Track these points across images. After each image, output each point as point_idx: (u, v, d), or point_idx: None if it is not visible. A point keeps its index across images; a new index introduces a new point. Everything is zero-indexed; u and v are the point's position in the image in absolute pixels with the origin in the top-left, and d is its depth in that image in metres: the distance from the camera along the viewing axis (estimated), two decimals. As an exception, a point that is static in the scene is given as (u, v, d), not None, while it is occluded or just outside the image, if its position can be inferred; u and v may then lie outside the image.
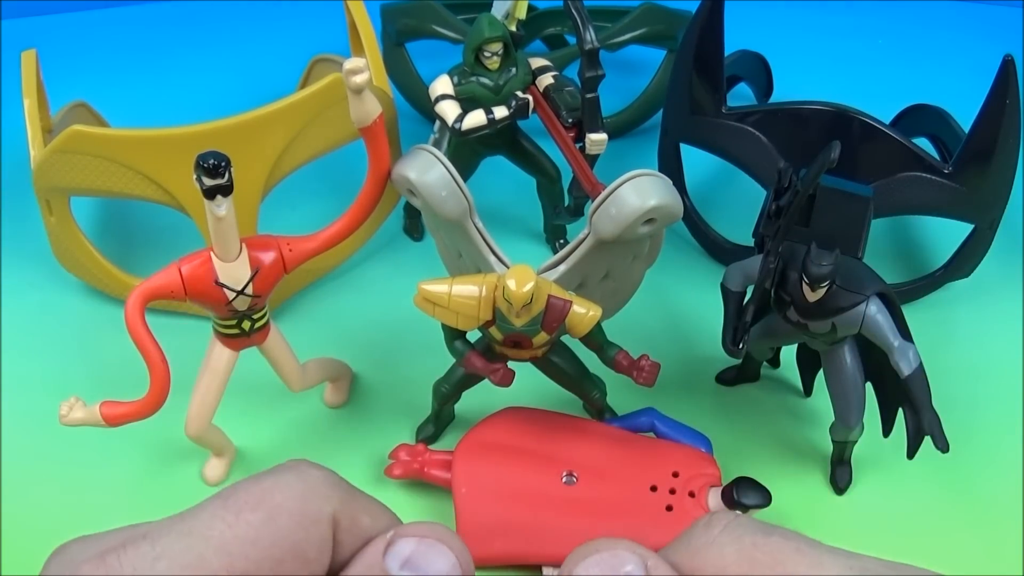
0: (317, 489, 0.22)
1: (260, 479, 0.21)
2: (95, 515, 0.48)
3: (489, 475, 0.47)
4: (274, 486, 0.21)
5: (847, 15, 0.92)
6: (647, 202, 0.44)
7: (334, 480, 0.22)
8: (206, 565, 0.20)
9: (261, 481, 0.21)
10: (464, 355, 0.46)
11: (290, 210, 0.64)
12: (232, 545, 0.20)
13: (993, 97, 0.53)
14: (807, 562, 0.20)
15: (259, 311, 0.46)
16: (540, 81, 0.58)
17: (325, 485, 0.22)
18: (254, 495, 0.21)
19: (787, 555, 0.20)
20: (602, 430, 0.49)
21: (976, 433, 0.52)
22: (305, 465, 0.22)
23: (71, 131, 0.51)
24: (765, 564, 0.20)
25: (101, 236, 0.65)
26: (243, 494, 0.21)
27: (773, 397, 0.55)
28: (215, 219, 0.41)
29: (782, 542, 0.20)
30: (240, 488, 0.21)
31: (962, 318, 0.60)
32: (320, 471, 0.22)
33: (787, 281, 0.44)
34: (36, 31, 0.89)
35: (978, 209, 0.57)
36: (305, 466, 0.22)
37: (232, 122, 0.51)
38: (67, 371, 0.56)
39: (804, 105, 0.57)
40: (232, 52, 0.86)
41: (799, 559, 0.20)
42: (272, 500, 0.21)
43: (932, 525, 0.48)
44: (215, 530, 0.20)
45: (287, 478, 0.21)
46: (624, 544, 0.21)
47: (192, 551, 0.20)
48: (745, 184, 0.60)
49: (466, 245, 0.48)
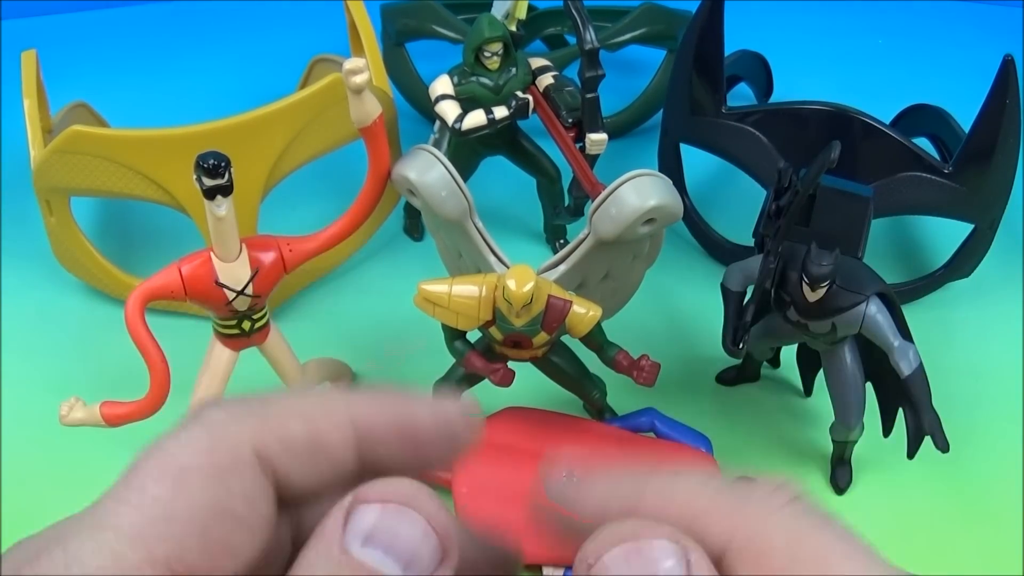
0: (224, 431, 0.18)
1: (160, 443, 0.19)
2: (95, 515, 0.48)
3: (489, 475, 0.47)
4: (176, 446, 0.18)
5: (847, 15, 0.92)
6: (647, 202, 0.44)
7: (242, 411, 0.19)
8: (123, 561, 0.17)
9: (162, 445, 0.19)
10: (464, 355, 0.46)
11: (290, 210, 0.64)
12: (145, 530, 0.17)
13: (993, 97, 0.53)
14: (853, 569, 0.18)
15: (259, 311, 0.46)
16: (540, 81, 0.58)
17: (233, 422, 0.19)
18: (155, 463, 0.18)
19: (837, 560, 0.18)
20: (602, 430, 0.49)
21: (976, 433, 0.52)
22: (208, 408, 0.19)
23: (71, 131, 0.51)
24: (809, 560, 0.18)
25: (101, 236, 0.65)
26: (143, 466, 0.18)
27: (773, 397, 0.55)
28: (215, 219, 0.41)
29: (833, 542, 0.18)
30: (140, 459, 0.18)
31: (962, 318, 0.60)
32: (222, 410, 0.19)
33: (787, 281, 0.44)
34: (36, 31, 0.89)
35: (978, 209, 0.57)
36: (208, 409, 0.19)
37: (232, 122, 0.51)
38: (67, 371, 0.56)
39: (804, 105, 0.57)
40: (232, 52, 0.86)
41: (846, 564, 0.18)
42: (176, 463, 0.18)
43: (932, 525, 0.48)
44: (123, 517, 0.18)
45: (189, 432, 0.19)
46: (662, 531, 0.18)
47: (104, 549, 0.17)
48: (745, 184, 0.60)
49: (466, 245, 0.48)
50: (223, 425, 0.19)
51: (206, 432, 0.18)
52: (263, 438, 0.19)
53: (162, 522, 0.17)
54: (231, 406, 0.19)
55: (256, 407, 0.19)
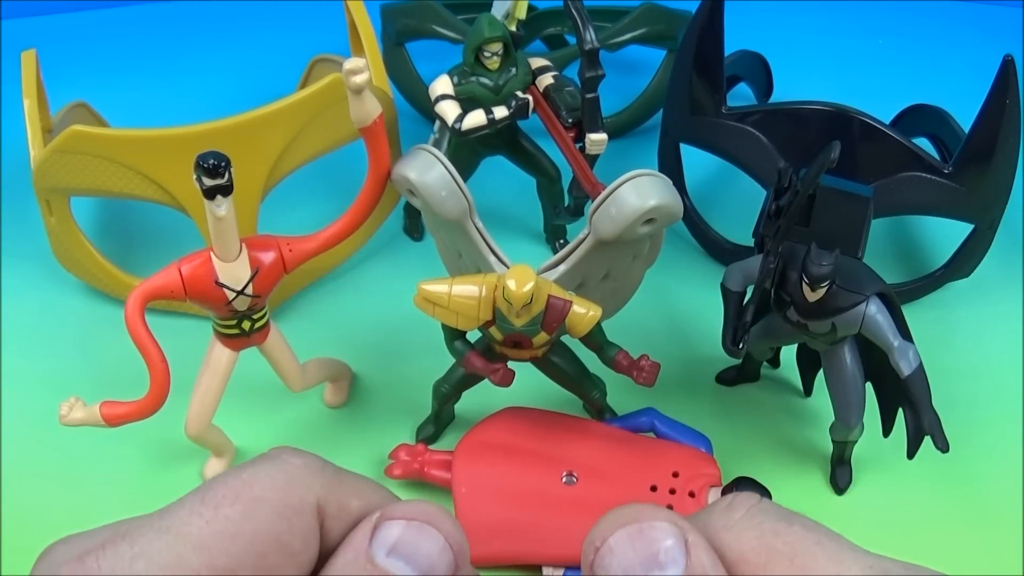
0: (299, 477, 0.21)
1: (239, 471, 0.21)
2: (95, 515, 0.48)
3: (489, 475, 0.47)
4: (253, 478, 0.20)
5: (847, 15, 0.92)
6: (647, 202, 0.44)
7: (317, 466, 0.22)
8: (185, 564, 0.19)
9: (240, 473, 0.21)
10: (464, 355, 0.46)
11: (290, 210, 0.64)
12: (211, 541, 0.19)
13: (993, 97, 0.53)
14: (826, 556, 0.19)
15: (259, 311, 0.46)
16: (540, 81, 0.58)
17: (307, 472, 0.21)
18: (232, 488, 0.20)
19: (807, 547, 0.19)
20: (602, 430, 0.49)
21: (976, 433, 0.52)
22: (287, 453, 0.22)
23: (71, 131, 0.51)
24: (783, 554, 0.19)
25: (101, 236, 0.65)
26: (221, 488, 0.20)
27: (773, 397, 0.55)
28: (215, 219, 0.41)
29: (803, 533, 0.20)
30: (218, 481, 0.20)
31: (962, 318, 0.60)
32: (302, 458, 0.21)
33: (787, 281, 0.44)
34: (36, 31, 0.89)
35: (978, 209, 0.57)
36: (287, 454, 0.21)
37: (232, 122, 0.51)
38: (67, 371, 0.56)
39: (804, 105, 0.57)
40: (232, 52, 0.86)
41: (819, 552, 0.19)
42: (251, 492, 0.20)
43: (932, 525, 0.48)
44: (193, 526, 0.19)
45: (267, 468, 0.21)
46: (662, 514, 0.20)
47: (170, 550, 0.19)
48: (745, 184, 0.60)
49: (466, 245, 0.48)
50: (298, 471, 0.21)
51: (283, 473, 0.21)
52: (328, 496, 0.21)
53: (228, 539, 0.19)
54: (308, 457, 0.22)
55: (328, 469, 0.22)
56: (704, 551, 0.19)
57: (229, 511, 0.20)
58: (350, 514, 0.21)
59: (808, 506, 0.49)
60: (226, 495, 0.20)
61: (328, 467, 0.22)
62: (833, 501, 0.50)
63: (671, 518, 0.19)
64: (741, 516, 0.20)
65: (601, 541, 0.20)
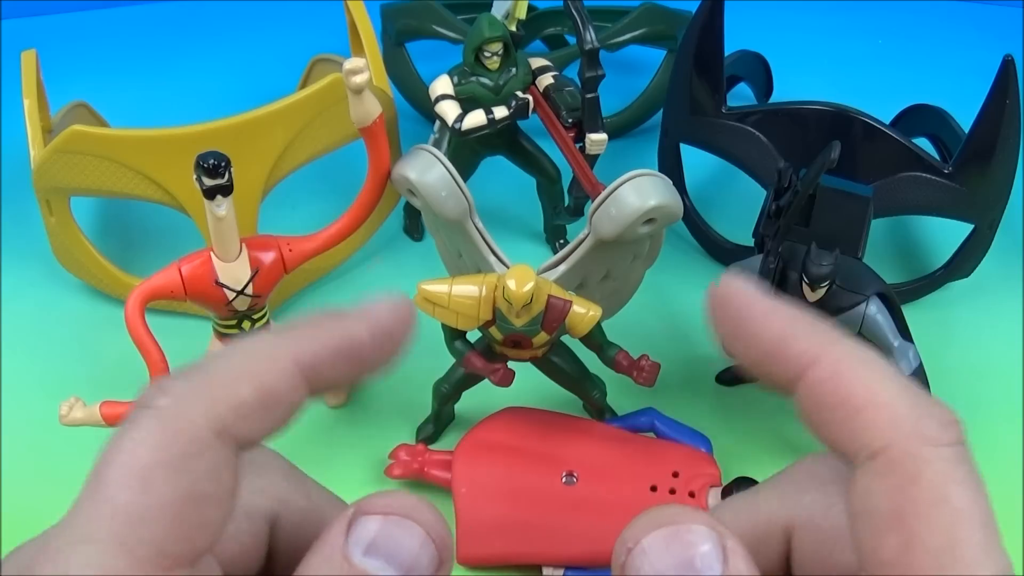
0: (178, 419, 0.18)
1: (117, 444, 0.18)
2: (95, 515, 0.48)
3: (489, 475, 0.47)
4: (133, 445, 0.18)
5: (847, 15, 0.92)
6: (647, 202, 0.44)
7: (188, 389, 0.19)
8: (112, 570, 0.17)
9: (119, 446, 0.18)
10: (464, 355, 0.46)
11: (290, 210, 0.64)
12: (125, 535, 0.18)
13: (993, 97, 0.53)
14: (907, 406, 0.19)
15: (259, 311, 0.46)
16: (540, 81, 0.58)
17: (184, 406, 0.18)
18: (119, 468, 0.18)
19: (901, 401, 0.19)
20: (602, 430, 0.49)
21: (976, 433, 0.51)
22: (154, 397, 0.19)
23: (71, 131, 0.51)
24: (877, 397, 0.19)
25: (101, 236, 0.65)
26: (107, 473, 0.18)
27: (773, 397, 0.54)
28: (215, 219, 0.41)
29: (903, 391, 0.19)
30: (101, 466, 0.18)
31: (962, 318, 0.60)
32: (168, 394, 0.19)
33: (787, 281, 0.44)
34: (36, 31, 0.89)
35: (978, 209, 0.57)
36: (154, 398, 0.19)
37: (232, 122, 0.51)
38: (67, 371, 0.56)
39: (804, 105, 0.57)
40: (232, 52, 0.86)
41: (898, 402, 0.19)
42: (138, 464, 0.18)
43: (932, 525, 0.48)
44: (101, 528, 0.18)
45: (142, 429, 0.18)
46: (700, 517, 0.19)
47: (92, 561, 0.17)
48: (745, 184, 0.60)
49: (466, 245, 0.48)
50: (175, 412, 0.18)
51: (159, 424, 0.18)
52: (216, 413, 0.19)
53: (139, 524, 0.18)
54: (176, 387, 0.19)
55: (200, 380, 0.19)
56: (742, 558, 0.18)
57: (126, 496, 0.18)
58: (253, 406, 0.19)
59: (808, 506, 0.49)
60: (115, 479, 0.18)
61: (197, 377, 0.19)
62: (833, 501, 0.49)
63: (709, 522, 0.18)
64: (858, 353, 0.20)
65: (634, 542, 0.18)
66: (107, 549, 0.18)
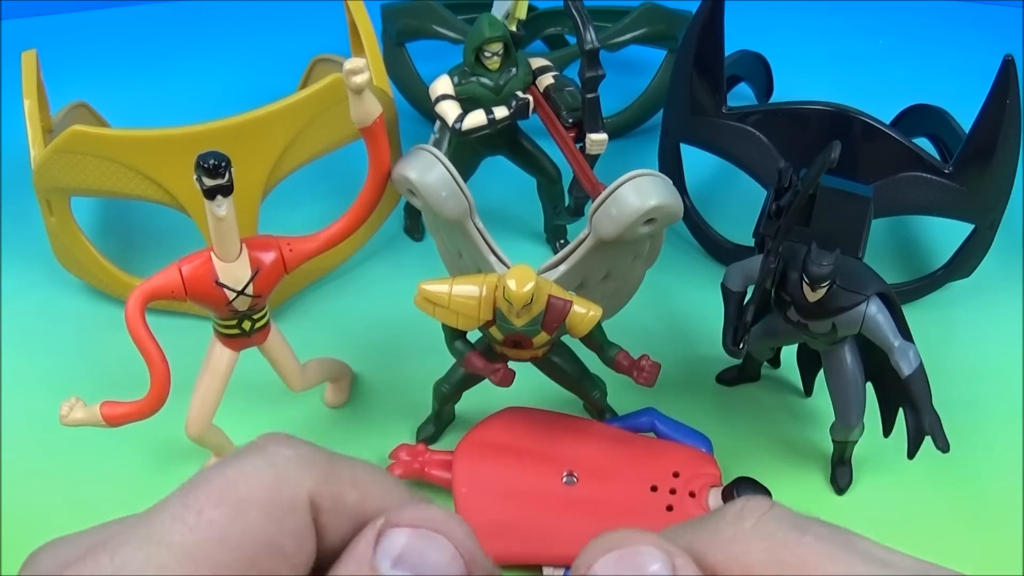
0: (288, 472, 0.19)
1: (223, 468, 0.19)
2: (95, 515, 0.48)
3: (489, 475, 0.47)
4: (238, 475, 0.19)
5: (847, 15, 0.92)
6: (647, 202, 0.44)
7: (309, 457, 0.20)
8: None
9: (224, 471, 0.19)
10: (464, 355, 0.46)
11: (290, 210, 0.64)
12: (196, 550, 0.18)
13: (993, 97, 0.53)
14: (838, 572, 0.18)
15: (259, 311, 0.46)
16: (540, 81, 0.58)
17: (298, 466, 0.19)
18: (216, 489, 0.19)
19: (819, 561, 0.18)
20: (602, 430, 0.49)
21: (976, 433, 0.52)
22: (275, 443, 0.20)
23: (71, 131, 0.51)
24: (793, 567, 0.18)
25: (101, 236, 0.65)
26: (203, 489, 0.19)
27: (773, 397, 0.55)
28: (215, 219, 0.41)
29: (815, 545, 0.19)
30: (201, 481, 0.19)
31: (962, 318, 0.60)
32: (291, 449, 0.20)
33: (787, 281, 0.44)
34: (36, 31, 0.89)
35: (978, 209, 0.57)
36: (275, 444, 0.20)
37: (232, 122, 0.51)
38: (67, 371, 0.56)
39: (804, 105, 0.57)
40: (232, 52, 0.86)
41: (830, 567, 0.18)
42: (236, 492, 0.19)
43: (932, 525, 0.48)
44: (176, 534, 0.18)
45: (253, 463, 0.19)
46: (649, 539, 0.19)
47: (152, 561, 0.18)
48: (745, 184, 0.60)
49: (466, 245, 0.48)
50: (288, 465, 0.19)
51: (271, 468, 0.19)
52: (321, 490, 0.19)
53: (214, 545, 0.18)
54: (298, 447, 0.20)
55: (321, 459, 0.20)
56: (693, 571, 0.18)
57: (214, 515, 0.18)
58: (347, 507, 0.20)
59: (808, 506, 0.49)
60: (209, 497, 0.19)
61: (320, 456, 0.20)
62: (833, 501, 0.50)
63: (657, 543, 0.19)
64: (751, 525, 0.19)
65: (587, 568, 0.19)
66: (174, 556, 0.18)
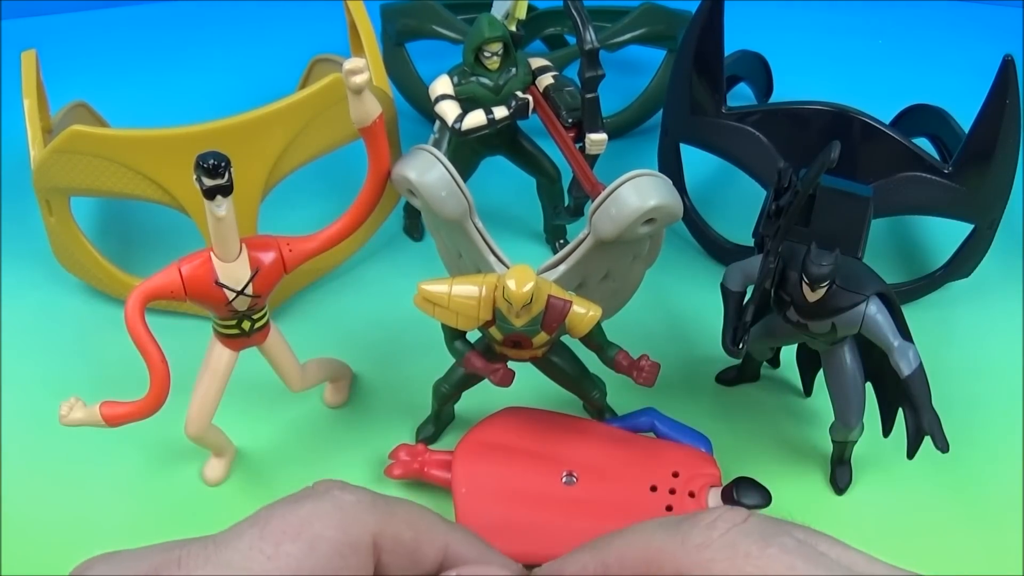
0: (354, 514, 0.21)
1: (296, 506, 0.21)
2: (95, 515, 0.48)
3: (489, 475, 0.47)
4: (312, 514, 0.21)
5: (847, 15, 0.92)
6: (647, 202, 0.44)
7: (369, 501, 0.22)
8: None
9: (296, 509, 0.21)
10: (464, 355, 0.46)
11: (290, 210, 0.64)
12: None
13: (993, 97, 0.53)
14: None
15: (259, 311, 0.46)
16: (540, 81, 0.58)
17: (362, 508, 0.21)
18: (292, 524, 0.20)
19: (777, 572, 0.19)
20: (602, 430, 0.49)
21: (976, 433, 0.52)
22: (337, 489, 0.22)
23: (71, 131, 0.51)
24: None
25: (101, 236, 0.65)
26: (279, 522, 0.20)
27: (773, 397, 0.55)
28: (215, 219, 0.41)
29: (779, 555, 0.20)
30: (275, 516, 0.21)
31: (962, 318, 0.60)
32: (354, 494, 0.22)
33: (787, 281, 0.44)
34: (36, 31, 0.89)
35: (978, 209, 0.57)
36: (337, 490, 0.22)
37: (232, 122, 0.51)
38: (67, 371, 0.56)
39: (804, 105, 0.57)
40: (232, 52, 0.86)
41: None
42: (312, 529, 0.20)
43: (932, 525, 0.48)
44: (255, 562, 0.20)
45: (323, 505, 0.21)
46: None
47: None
48: (745, 184, 0.60)
49: (466, 245, 0.48)
50: (354, 509, 0.22)
51: (339, 511, 0.21)
52: (383, 531, 0.22)
53: None
54: (359, 493, 0.22)
55: (381, 503, 0.22)
56: None
57: (291, 548, 0.20)
58: (404, 546, 0.22)
59: (808, 506, 0.49)
60: (286, 531, 0.20)
61: (379, 501, 0.22)
62: (833, 501, 0.50)
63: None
64: (719, 535, 0.20)
65: None
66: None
